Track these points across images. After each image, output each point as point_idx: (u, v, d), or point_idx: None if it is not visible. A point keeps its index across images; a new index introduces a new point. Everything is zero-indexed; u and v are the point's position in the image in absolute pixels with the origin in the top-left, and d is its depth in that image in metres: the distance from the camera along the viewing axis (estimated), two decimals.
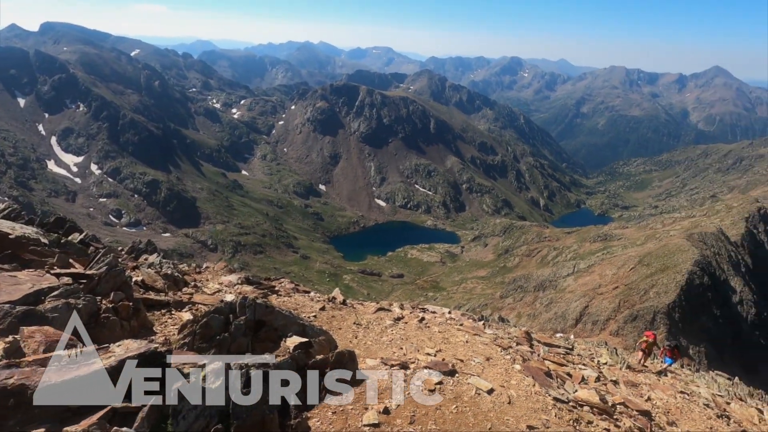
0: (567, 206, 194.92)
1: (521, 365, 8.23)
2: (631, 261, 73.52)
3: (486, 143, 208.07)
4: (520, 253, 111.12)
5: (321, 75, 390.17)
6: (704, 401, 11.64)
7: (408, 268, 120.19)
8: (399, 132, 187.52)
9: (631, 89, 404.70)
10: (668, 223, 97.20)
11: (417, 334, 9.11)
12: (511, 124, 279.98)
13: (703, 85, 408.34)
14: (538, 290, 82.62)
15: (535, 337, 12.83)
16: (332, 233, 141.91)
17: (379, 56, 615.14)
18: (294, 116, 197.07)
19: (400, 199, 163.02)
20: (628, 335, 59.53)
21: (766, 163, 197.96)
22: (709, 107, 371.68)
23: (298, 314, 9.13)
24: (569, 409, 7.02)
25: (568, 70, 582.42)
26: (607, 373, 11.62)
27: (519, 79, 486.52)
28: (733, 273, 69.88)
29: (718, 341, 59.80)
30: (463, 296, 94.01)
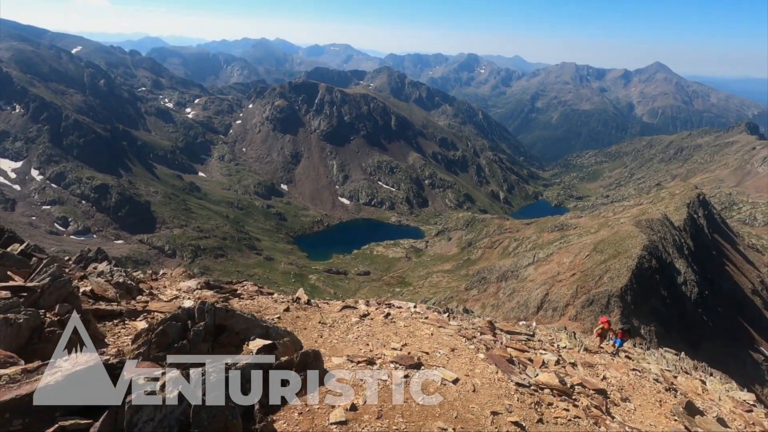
0: (526, 198, 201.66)
1: (485, 354, 8.44)
2: (586, 248, 77.10)
3: (447, 139, 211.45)
4: (483, 245, 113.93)
5: (279, 72, 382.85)
6: (654, 376, 12.40)
7: (374, 265, 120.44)
8: (360, 129, 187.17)
9: (581, 84, 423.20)
10: (619, 212, 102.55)
11: (383, 329, 9.15)
12: (470, 120, 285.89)
13: (646, 80, 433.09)
14: (500, 281, 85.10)
15: (498, 326, 13.20)
16: (296, 233, 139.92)
17: (337, 53, 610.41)
18: (252, 115, 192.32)
19: (364, 196, 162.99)
20: (585, 319, 62.48)
21: (704, 152, 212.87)
22: (652, 101, 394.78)
23: (261, 317, 8.94)
24: (531, 392, 7.28)
25: (522, 66, 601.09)
26: (565, 356, 12.13)
27: (476, 75, 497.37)
28: (677, 256, 74.76)
29: (666, 320, 63.88)
30: (429, 290, 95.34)
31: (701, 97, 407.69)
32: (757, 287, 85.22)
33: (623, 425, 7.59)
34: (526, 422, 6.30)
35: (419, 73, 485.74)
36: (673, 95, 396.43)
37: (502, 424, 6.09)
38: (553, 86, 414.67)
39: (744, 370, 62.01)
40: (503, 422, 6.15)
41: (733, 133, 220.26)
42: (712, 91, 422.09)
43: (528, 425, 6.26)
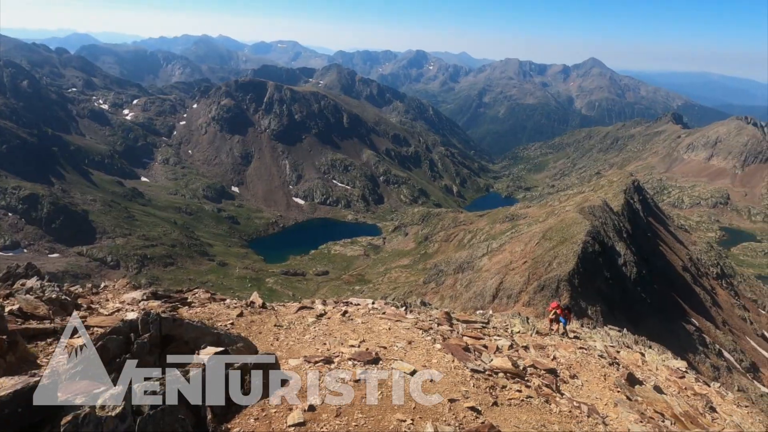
0: (477, 191, 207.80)
1: (441, 344, 8.63)
2: (536, 237, 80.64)
3: (399, 135, 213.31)
4: (439, 239, 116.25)
5: (223, 71, 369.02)
6: (599, 353, 13.21)
7: (332, 264, 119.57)
8: (312, 128, 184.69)
9: (524, 80, 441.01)
10: (564, 200, 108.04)
11: (340, 328, 9.11)
12: (421, 116, 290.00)
13: (583, 74, 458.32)
14: (457, 272, 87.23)
15: (454, 317, 13.53)
16: (250, 236, 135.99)
17: (285, 50, 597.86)
18: (197, 115, 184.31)
19: (319, 195, 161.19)
20: (538, 304, 65.42)
21: (636, 141, 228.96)
22: (589, 94, 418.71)
23: (213, 324, 8.63)
24: (486, 377, 7.53)
25: (469, 62, 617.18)
26: (518, 341, 12.65)
27: (425, 72, 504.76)
28: (617, 239, 79.94)
29: (610, 300, 68.21)
30: (388, 286, 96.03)
31: (632, 90, 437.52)
32: (687, 264, 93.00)
33: (572, 401, 8.03)
34: (481, 406, 6.51)
35: (369, 70, 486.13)
36: (607, 89, 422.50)
37: (459, 411, 6.26)
38: (499, 82, 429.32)
39: (678, 340, 67.51)
40: (460, 408, 6.32)
41: (661, 123, 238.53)
42: (642, 85, 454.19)
43: (484, 409, 6.48)
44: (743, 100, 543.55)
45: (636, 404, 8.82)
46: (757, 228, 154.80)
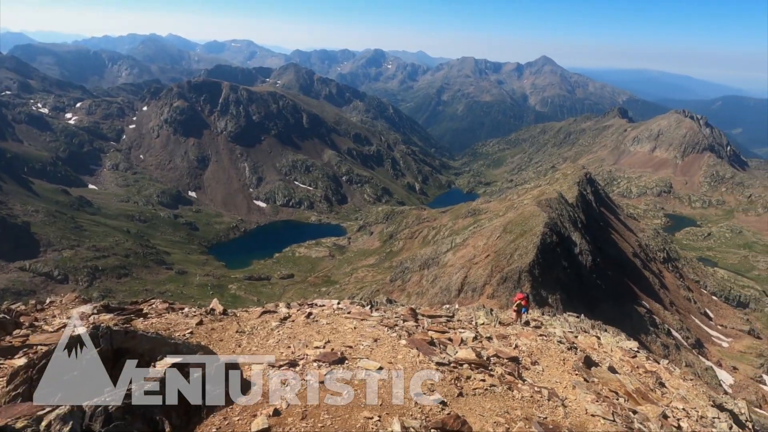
0: (439, 188, 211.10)
1: (406, 340, 8.70)
2: (497, 231, 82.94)
3: (360, 134, 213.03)
4: (404, 236, 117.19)
5: (175, 71, 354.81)
6: (558, 339, 13.75)
7: (297, 267, 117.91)
8: (271, 129, 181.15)
9: (480, 78, 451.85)
10: (522, 194, 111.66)
11: (305, 330, 8.99)
12: (381, 115, 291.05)
13: (535, 72, 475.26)
14: (423, 269, 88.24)
15: (419, 312, 13.69)
16: (210, 242, 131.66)
17: (239, 50, 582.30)
18: (148, 118, 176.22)
19: (281, 197, 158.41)
20: (501, 296, 67.38)
21: (587, 135, 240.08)
22: (542, 91, 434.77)
23: (171, 334, 8.29)
24: (450, 369, 7.67)
25: (427, 61, 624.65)
26: (482, 332, 12.96)
27: (384, 70, 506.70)
28: (573, 229, 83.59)
29: (568, 288, 71.28)
30: (355, 286, 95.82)
31: (581, 86, 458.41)
32: (636, 250, 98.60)
33: (533, 386, 8.32)
34: (447, 398, 6.63)
35: (327, 70, 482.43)
36: (559, 86, 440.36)
37: (424, 404, 6.33)
38: (456, 80, 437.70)
39: (631, 322, 71.54)
40: (426, 401, 6.40)
41: (609, 117, 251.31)
42: (590, 81, 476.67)
43: (449, 400, 6.60)
44: (680, 95, 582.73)
45: (592, 385, 9.26)
46: (697, 214, 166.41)
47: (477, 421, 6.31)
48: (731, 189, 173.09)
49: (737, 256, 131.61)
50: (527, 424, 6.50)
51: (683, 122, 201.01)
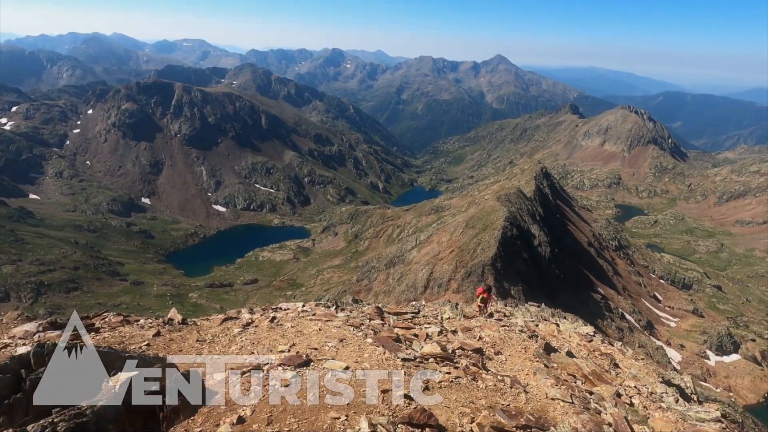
0: (402, 186, 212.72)
1: (372, 338, 8.74)
2: (460, 226, 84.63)
3: (321, 135, 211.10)
4: (369, 236, 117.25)
5: (122, 72, 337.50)
6: (519, 328, 14.24)
7: (261, 271, 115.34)
8: (228, 131, 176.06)
9: (439, 76, 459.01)
10: (482, 190, 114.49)
11: (269, 334, 8.84)
12: (342, 114, 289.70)
13: (491, 71, 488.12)
14: (389, 267, 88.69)
15: (385, 310, 13.76)
16: (167, 250, 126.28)
17: (191, 49, 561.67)
18: (93, 122, 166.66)
19: (242, 201, 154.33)
20: (467, 290, 68.84)
21: (542, 131, 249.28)
22: (498, 89, 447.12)
23: (125, 347, 7.92)
24: (416, 364, 7.78)
25: (385, 60, 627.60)
26: (447, 326, 13.21)
27: (343, 70, 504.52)
28: (531, 222, 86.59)
29: (529, 279, 73.82)
30: (321, 288, 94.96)
31: (535, 84, 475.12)
32: (591, 240, 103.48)
33: (496, 375, 8.58)
34: (414, 392, 6.71)
35: (285, 69, 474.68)
36: (513, 83, 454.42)
37: (392, 400, 6.39)
38: (415, 79, 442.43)
39: (588, 309, 75.06)
40: (394, 397, 6.46)
41: (561, 114, 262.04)
42: (543, 79, 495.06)
43: (416, 395, 6.69)
44: (625, 91, 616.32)
45: (552, 370, 9.66)
46: (644, 203, 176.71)
47: (443, 413, 6.43)
48: (673, 179, 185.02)
49: (680, 242, 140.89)
50: (491, 412, 6.70)
51: (629, 117, 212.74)
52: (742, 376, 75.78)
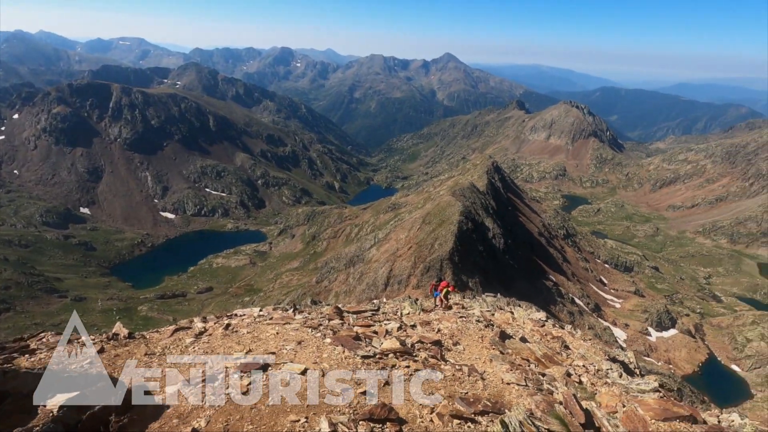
0: (359, 185, 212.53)
1: (331, 338, 8.68)
2: (417, 222, 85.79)
3: (273, 135, 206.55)
4: (327, 236, 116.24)
5: (51, 73, 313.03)
6: (476, 318, 14.66)
7: (216, 278, 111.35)
8: (174, 133, 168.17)
9: (390, 75, 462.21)
10: (437, 185, 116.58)
11: (224, 342, 8.55)
12: (294, 114, 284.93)
13: (441, 69, 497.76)
14: (348, 267, 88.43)
15: (344, 310, 13.71)
16: (112, 262, 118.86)
17: (129, 48, 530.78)
18: (20, 128, 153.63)
19: (192, 206, 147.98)
20: (426, 285, 69.91)
21: (491, 127, 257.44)
22: (448, 87, 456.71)
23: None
24: (376, 360, 7.82)
25: (336, 59, 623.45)
26: (407, 321, 13.37)
27: (293, 69, 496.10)
28: (485, 215, 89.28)
29: (486, 270, 76.13)
30: (280, 292, 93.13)
31: (483, 81, 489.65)
32: (541, 230, 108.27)
33: (454, 365, 8.80)
34: (373, 389, 6.75)
35: (232, 69, 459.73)
36: (463, 81, 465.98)
37: (352, 398, 6.39)
38: (367, 77, 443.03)
39: (541, 295, 78.57)
40: (354, 395, 6.46)
41: (509, 110, 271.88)
42: (490, 76, 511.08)
43: (375, 391, 6.72)
44: (567, 87, 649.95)
45: (507, 356, 10.04)
46: (588, 193, 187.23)
47: (403, 406, 6.52)
48: (613, 169, 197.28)
49: (621, 227, 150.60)
50: (450, 401, 6.86)
51: (571, 111, 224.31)
52: (679, 348, 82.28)
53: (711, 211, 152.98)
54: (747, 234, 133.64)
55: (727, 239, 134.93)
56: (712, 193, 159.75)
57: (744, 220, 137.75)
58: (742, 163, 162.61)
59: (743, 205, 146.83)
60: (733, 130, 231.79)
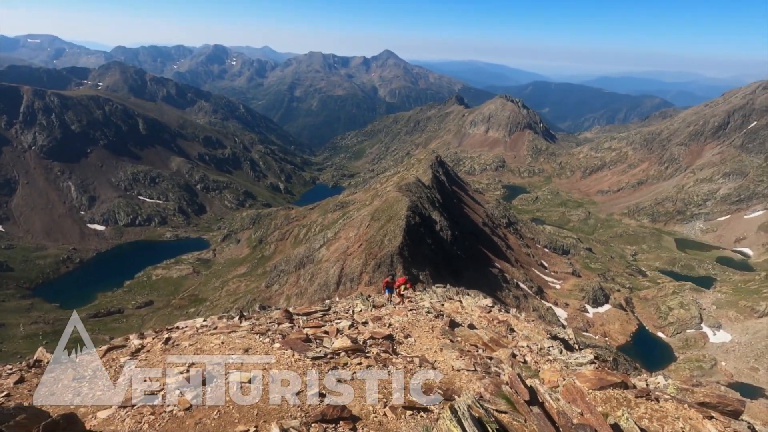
0: (304, 185, 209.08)
1: (280, 342, 8.46)
2: (366, 220, 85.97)
3: (211, 137, 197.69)
4: (274, 239, 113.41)
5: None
6: (426, 310, 14.96)
7: (156, 291, 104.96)
8: (99, 139, 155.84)
9: (331, 72, 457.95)
10: (384, 182, 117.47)
11: (163, 358, 8.05)
12: (232, 115, 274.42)
13: (381, 65, 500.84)
14: (299, 269, 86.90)
15: (294, 312, 13.44)
16: (33, 282, 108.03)
17: (40, 47, 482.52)
18: None
19: (124, 216, 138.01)
20: (378, 281, 70.34)
21: (433, 122, 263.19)
22: (389, 83, 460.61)
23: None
24: (327, 361, 7.72)
25: (273, 56, 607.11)
26: (358, 318, 13.35)
27: (228, 68, 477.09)
28: (432, 209, 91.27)
29: (435, 262, 77.92)
30: (228, 300, 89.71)
31: (423, 77, 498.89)
32: (485, 220, 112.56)
33: (406, 357, 8.91)
34: (325, 390, 6.66)
35: (161, 68, 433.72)
36: (403, 78, 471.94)
37: (304, 401, 6.26)
38: (307, 75, 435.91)
39: (489, 283, 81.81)
40: (305, 398, 6.34)
41: (449, 105, 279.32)
42: (430, 73, 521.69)
43: (328, 391, 6.64)
44: (502, 82, 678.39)
45: (456, 344, 10.34)
46: (526, 182, 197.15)
47: (356, 403, 6.49)
48: (547, 159, 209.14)
49: (557, 213, 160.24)
50: (404, 393, 6.93)
51: (507, 105, 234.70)
52: (613, 322, 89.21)
53: (634, 194, 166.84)
54: (665, 213, 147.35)
55: (648, 219, 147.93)
56: (635, 178, 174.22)
57: (662, 200, 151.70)
58: (658, 148, 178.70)
59: (661, 187, 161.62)
60: (649, 119, 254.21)
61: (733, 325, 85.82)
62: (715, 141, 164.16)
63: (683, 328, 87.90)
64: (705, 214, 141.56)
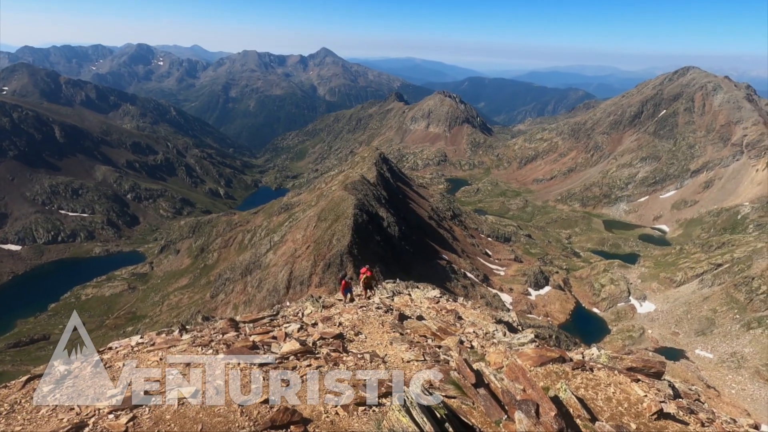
0: (246, 189, 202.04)
1: (225, 352, 8.12)
2: (312, 220, 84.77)
3: (140, 143, 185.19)
4: (217, 246, 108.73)
5: None
6: (376, 306, 15.04)
7: (88, 312, 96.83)
8: (8, 149, 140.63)
9: (267, 71, 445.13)
10: (329, 181, 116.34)
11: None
12: (162, 118, 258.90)
13: (319, 64, 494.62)
14: (245, 275, 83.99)
15: (239, 320, 12.96)
16: None
17: None
18: None
19: (43, 233, 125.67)
20: (329, 282, 69.74)
21: (375, 120, 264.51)
22: (328, 82, 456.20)
23: None
24: (275, 366, 7.52)
25: (204, 56, 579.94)
26: (307, 320, 13.14)
27: (155, 68, 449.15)
28: (378, 206, 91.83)
29: (385, 259, 78.55)
30: (170, 314, 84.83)
31: (362, 75, 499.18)
32: (431, 213, 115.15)
33: (356, 354, 8.90)
34: (274, 395, 6.48)
35: (78, 70, 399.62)
36: (342, 76, 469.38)
37: (252, 410, 6.06)
38: (242, 75, 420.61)
39: (437, 274, 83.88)
40: (254, 407, 6.13)
41: (389, 102, 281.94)
42: (369, 70, 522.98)
43: (276, 397, 6.47)
44: (439, 78, 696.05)
45: (406, 336, 10.49)
46: (467, 175, 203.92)
47: (307, 406, 6.38)
48: (486, 151, 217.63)
49: (498, 203, 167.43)
50: (354, 390, 6.91)
51: (445, 101, 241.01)
52: (553, 302, 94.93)
53: (565, 181, 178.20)
54: (593, 197, 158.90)
55: (579, 203, 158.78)
56: (565, 166, 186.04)
57: (590, 186, 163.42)
58: (584, 138, 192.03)
59: (588, 173, 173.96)
60: (575, 111, 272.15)
61: (656, 295, 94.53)
62: (632, 129, 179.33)
63: (614, 303, 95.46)
64: (627, 197, 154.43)
